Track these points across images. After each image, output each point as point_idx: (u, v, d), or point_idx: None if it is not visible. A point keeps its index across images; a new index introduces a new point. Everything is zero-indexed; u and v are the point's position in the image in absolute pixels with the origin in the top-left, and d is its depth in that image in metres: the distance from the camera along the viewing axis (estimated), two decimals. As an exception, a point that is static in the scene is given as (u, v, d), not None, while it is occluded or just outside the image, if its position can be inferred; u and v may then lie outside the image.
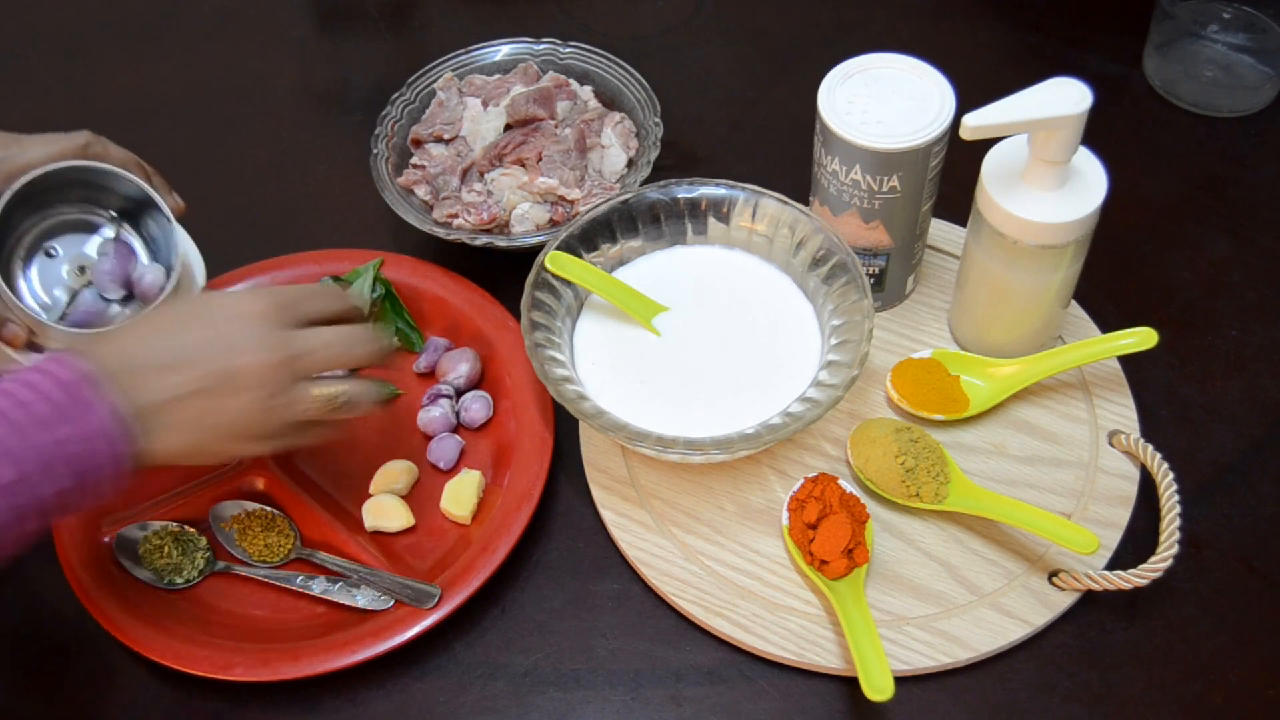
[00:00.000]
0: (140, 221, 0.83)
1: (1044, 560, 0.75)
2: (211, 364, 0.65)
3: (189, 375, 0.65)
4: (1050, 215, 0.74)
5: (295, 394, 0.67)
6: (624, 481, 0.80)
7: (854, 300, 0.78)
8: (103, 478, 0.62)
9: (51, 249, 0.81)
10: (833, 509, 0.74)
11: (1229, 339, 0.88)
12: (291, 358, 0.67)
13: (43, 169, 0.76)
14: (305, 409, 0.68)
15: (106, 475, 0.62)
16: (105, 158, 0.79)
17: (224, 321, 0.67)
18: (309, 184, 1.03)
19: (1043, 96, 0.71)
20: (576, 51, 1.01)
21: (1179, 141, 1.01)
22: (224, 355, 0.65)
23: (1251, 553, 0.77)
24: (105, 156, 0.79)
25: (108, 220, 0.83)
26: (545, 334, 0.79)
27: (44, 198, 0.79)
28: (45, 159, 0.77)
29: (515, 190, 0.92)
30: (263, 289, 0.69)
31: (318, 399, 0.68)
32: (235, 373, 0.65)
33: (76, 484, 0.61)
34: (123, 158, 0.80)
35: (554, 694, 0.73)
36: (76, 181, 0.79)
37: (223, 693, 0.73)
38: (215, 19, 1.18)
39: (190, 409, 0.65)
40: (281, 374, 0.66)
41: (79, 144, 0.78)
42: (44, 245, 0.81)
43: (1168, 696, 0.72)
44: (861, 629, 0.70)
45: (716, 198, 0.84)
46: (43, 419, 0.60)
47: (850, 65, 0.80)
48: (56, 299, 0.81)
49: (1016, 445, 0.81)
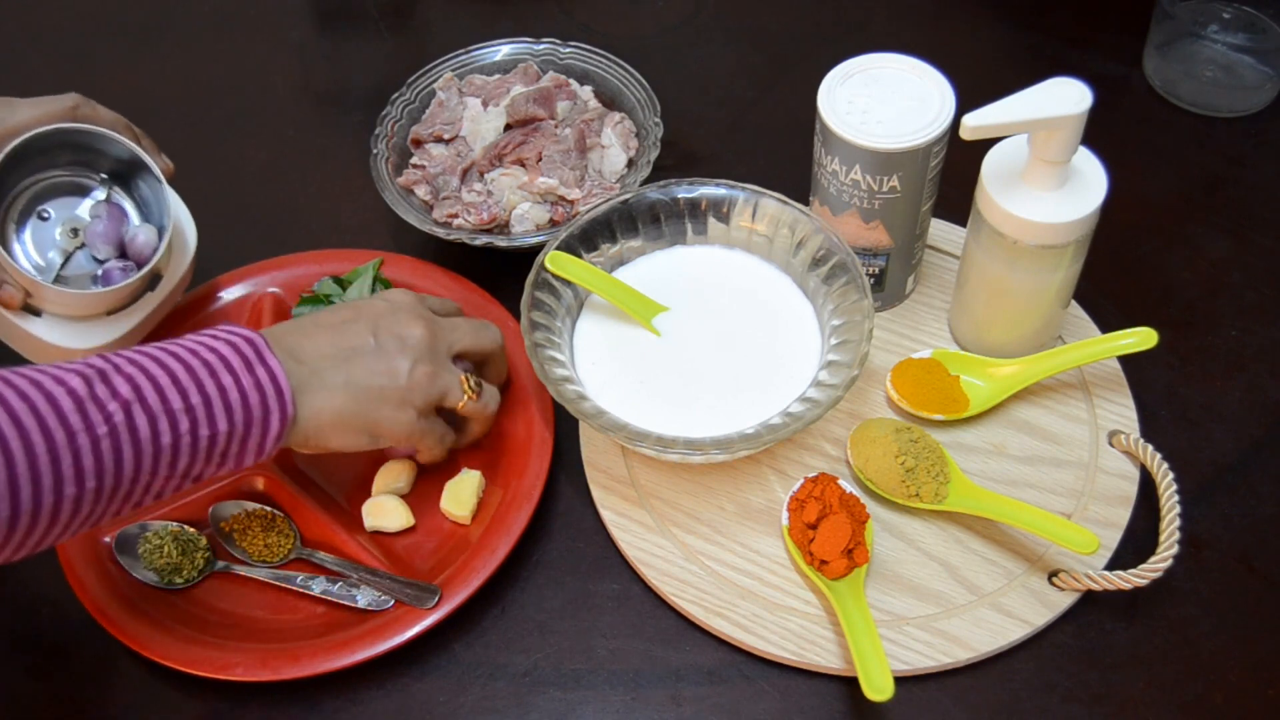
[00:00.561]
0: (131, 183, 0.84)
1: (1044, 560, 0.75)
2: (378, 330, 0.72)
3: (356, 339, 0.72)
4: (1050, 215, 0.74)
5: (449, 366, 0.75)
6: (624, 481, 0.80)
7: (854, 300, 0.78)
8: (263, 430, 0.66)
9: (44, 211, 0.82)
10: (833, 509, 0.74)
11: (1229, 339, 0.88)
12: (442, 332, 0.75)
13: (32, 132, 0.76)
14: (452, 383, 0.74)
15: (265, 429, 0.66)
16: (94, 119, 0.80)
17: (377, 304, 0.75)
18: (309, 184, 1.03)
19: (1043, 96, 0.71)
20: (576, 51, 1.01)
21: (1179, 141, 1.01)
22: (386, 321, 0.73)
23: (1251, 553, 0.77)
24: (94, 118, 0.80)
25: (98, 182, 0.83)
26: (545, 334, 0.79)
27: (35, 161, 0.80)
28: (34, 122, 0.77)
29: (515, 190, 0.92)
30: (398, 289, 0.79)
31: (462, 378, 0.75)
32: (402, 336, 0.73)
33: (234, 430, 0.64)
34: (111, 119, 0.81)
35: (554, 694, 0.73)
36: (66, 144, 0.80)
37: (223, 693, 0.73)
38: (215, 19, 1.18)
39: (350, 370, 0.70)
40: (438, 343, 0.74)
41: (67, 106, 0.79)
42: (37, 208, 0.82)
43: (1168, 696, 0.72)
44: (861, 629, 0.70)
45: (716, 198, 0.84)
46: (211, 366, 0.64)
47: (850, 65, 0.80)
48: (51, 261, 0.81)
49: (1016, 445, 0.81)
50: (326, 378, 0.69)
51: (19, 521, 0.58)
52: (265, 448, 0.67)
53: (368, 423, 0.71)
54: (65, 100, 0.79)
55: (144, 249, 0.82)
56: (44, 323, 0.79)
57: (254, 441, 0.66)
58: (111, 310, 0.81)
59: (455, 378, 0.75)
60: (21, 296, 0.77)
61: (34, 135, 0.77)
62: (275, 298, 0.90)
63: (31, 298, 0.78)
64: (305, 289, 0.91)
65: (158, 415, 0.61)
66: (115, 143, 0.80)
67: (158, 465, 0.62)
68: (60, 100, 0.79)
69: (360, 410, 0.70)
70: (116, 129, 0.81)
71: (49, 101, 0.79)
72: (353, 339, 0.72)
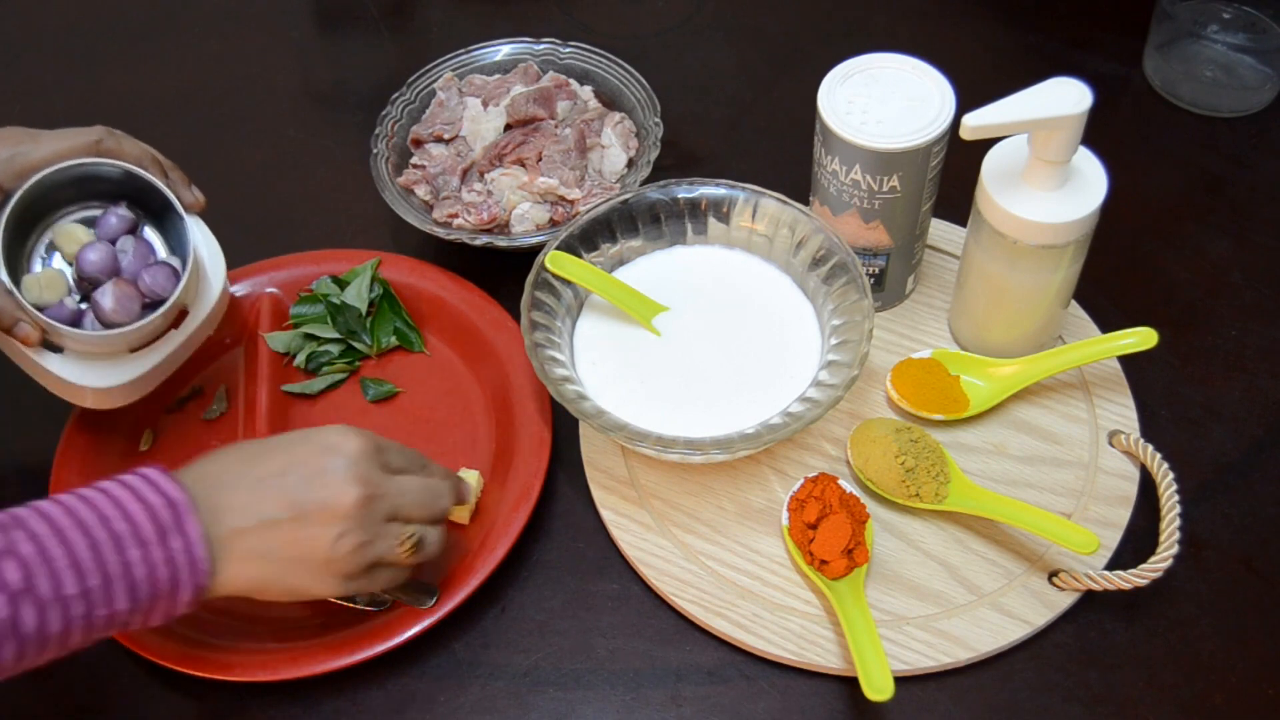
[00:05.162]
0: (164, 216, 0.81)
1: (1044, 560, 0.75)
2: (305, 494, 0.65)
3: (278, 504, 0.64)
4: (1050, 215, 0.74)
5: (383, 532, 0.67)
6: (624, 481, 0.80)
7: (854, 300, 0.78)
8: (170, 604, 0.61)
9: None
10: (833, 509, 0.74)
11: (1229, 339, 0.88)
12: (384, 496, 0.67)
13: (54, 168, 0.75)
14: (388, 548, 0.67)
15: (174, 602, 0.61)
16: (119, 152, 0.77)
17: (320, 454, 0.66)
18: (309, 184, 1.03)
19: (1043, 96, 0.71)
20: (576, 51, 1.01)
21: (1179, 141, 1.01)
22: (319, 487, 0.65)
23: (1251, 553, 0.77)
24: (119, 151, 0.77)
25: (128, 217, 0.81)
26: (545, 334, 0.79)
27: (58, 194, 0.78)
28: (57, 156, 0.75)
29: (515, 190, 0.92)
30: (354, 429, 0.68)
31: (400, 538, 0.68)
32: (328, 504, 0.65)
33: (136, 606, 0.60)
34: (137, 153, 0.78)
35: (554, 694, 0.73)
36: (91, 177, 0.78)
37: (222, 693, 0.73)
38: (215, 19, 1.18)
39: (270, 539, 0.64)
40: (374, 510, 0.66)
41: (92, 139, 0.77)
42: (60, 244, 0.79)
43: (1168, 696, 0.72)
44: (861, 629, 0.70)
45: (716, 198, 0.84)
46: (119, 539, 0.59)
47: (850, 65, 0.80)
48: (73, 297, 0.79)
49: (1016, 445, 0.81)
50: (245, 542, 0.63)
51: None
52: (174, 614, 0.62)
53: (287, 589, 0.66)
54: (90, 134, 0.77)
55: (158, 286, 0.79)
56: (64, 360, 0.77)
57: (159, 613, 0.61)
58: (134, 348, 0.79)
59: (391, 541, 0.67)
60: (39, 334, 0.75)
61: (54, 172, 0.75)
62: (274, 298, 0.91)
63: (49, 335, 0.76)
64: (304, 289, 0.91)
65: (48, 605, 0.57)
66: (139, 177, 0.78)
67: (43, 651, 0.58)
68: (85, 134, 0.76)
69: (278, 578, 0.65)
70: (143, 162, 0.78)
71: (73, 134, 0.76)
72: (276, 501, 0.64)
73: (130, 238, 0.80)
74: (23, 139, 0.76)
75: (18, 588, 0.56)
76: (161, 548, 0.60)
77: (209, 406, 0.87)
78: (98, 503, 0.60)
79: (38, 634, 0.57)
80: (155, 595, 0.60)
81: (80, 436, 0.83)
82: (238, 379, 0.88)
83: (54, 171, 0.75)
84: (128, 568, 0.59)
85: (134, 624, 0.61)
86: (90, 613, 0.58)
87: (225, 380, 0.89)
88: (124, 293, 0.77)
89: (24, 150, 0.75)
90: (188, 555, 0.61)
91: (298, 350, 0.89)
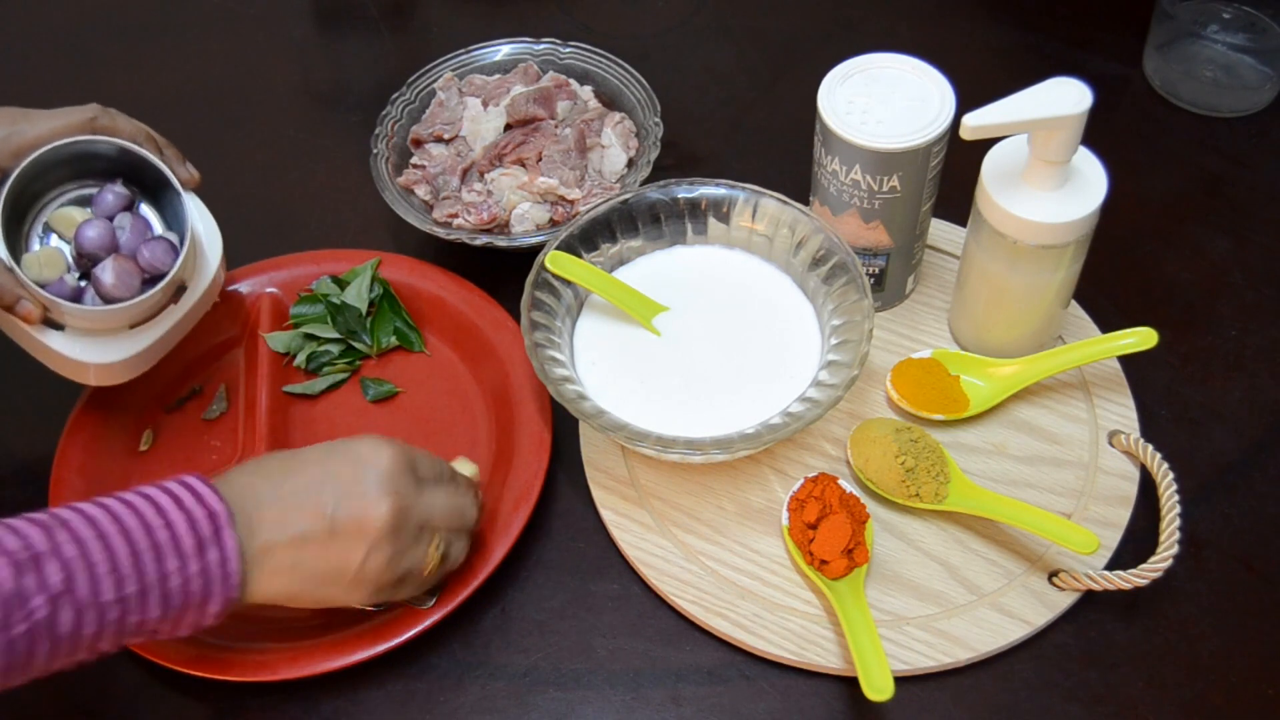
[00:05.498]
0: (158, 193, 0.82)
1: (1044, 560, 0.75)
2: (338, 509, 0.65)
3: (312, 519, 0.64)
4: (1050, 215, 0.74)
5: (413, 544, 0.67)
6: (624, 481, 0.80)
7: (854, 300, 0.78)
8: (199, 615, 0.62)
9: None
10: (833, 509, 0.74)
11: (1229, 339, 0.88)
12: (415, 508, 0.67)
13: (49, 146, 0.75)
14: (417, 560, 0.68)
15: (202, 613, 0.62)
16: (114, 130, 0.78)
17: (353, 467, 0.66)
18: (309, 184, 1.03)
19: (1043, 96, 0.71)
20: (576, 51, 1.01)
21: (1179, 141, 1.01)
22: (352, 501, 0.65)
23: (1251, 553, 0.77)
24: (113, 129, 0.78)
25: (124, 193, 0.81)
26: (545, 334, 0.79)
27: (54, 173, 0.78)
28: (52, 134, 0.76)
29: (515, 190, 0.92)
30: (388, 440, 0.68)
31: (428, 550, 0.68)
32: (361, 520, 0.65)
33: (167, 614, 0.60)
34: (132, 130, 0.79)
35: (554, 694, 0.73)
36: (86, 155, 0.78)
37: (223, 693, 0.73)
38: (215, 19, 1.18)
39: (302, 553, 0.64)
40: (407, 524, 0.67)
41: (87, 117, 0.77)
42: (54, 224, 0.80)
43: (1168, 696, 0.72)
44: (861, 629, 0.70)
45: (716, 198, 0.84)
46: (159, 549, 0.59)
47: (850, 65, 0.80)
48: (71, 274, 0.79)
49: (1016, 445, 0.81)
50: (276, 558, 0.64)
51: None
52: (201, 625, 0.63)
53: (317, 600, 0.67)
54: (84, 111, 0.77)
55: (156, 261, 0.79)
56: (66, 337, 0.77)
57: (188, 623, 0.62)
58: (134, 324, 0.80)
59: (420, 552, 0.68)
60: (40, 312, 0.75)
61: (50, 150, 0.75)
62: (274, 298, 0.91)
63: (51, 312, 0.76)
64: (304, 289, 0.91)
65: (85, 608, 0.57)
66: (135, 154, 0.78)
67: (74, 653, 0.58)
68: (79, 111, 0.77)
69: (308, 590, 0.66)
70: (138, 139, 0.79)
71: (68, 113, 0.77)
72: (310, 516, 0.64)
73: (127, 214, 0.81)
74: (17, 118, 0.76)
75: (58, 589, 0.56)
76: (199, 560, 0.60)
77: (209, 406, 0.87)
78: (142, 509, 0.60)
79: (71, 636, 0.57)
80: (186, 606, 0.61)
81: (80, 436, 0.83)
82: (238, 379, 0.88)
83: (50, 150, 0.75)
84: (164, 578, 0.59)
85: (162, 632, 0.61)
86: (123, 619, 0.59)
87: (225, 380, 0.89)
88: (124, 268, 0.78)
89: (19, 129, 0.76)
90: (222, 569, 0.61)
91: (298, 350, 0.89)
